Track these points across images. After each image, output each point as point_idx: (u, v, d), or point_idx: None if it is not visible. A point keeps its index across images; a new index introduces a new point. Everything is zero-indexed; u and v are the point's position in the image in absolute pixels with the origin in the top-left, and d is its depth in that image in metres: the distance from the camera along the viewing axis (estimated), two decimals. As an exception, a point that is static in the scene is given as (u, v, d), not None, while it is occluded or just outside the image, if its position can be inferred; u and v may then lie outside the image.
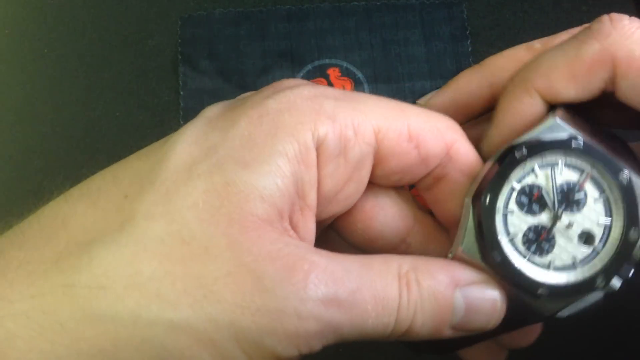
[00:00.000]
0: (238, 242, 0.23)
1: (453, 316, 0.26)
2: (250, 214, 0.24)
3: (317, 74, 0.56)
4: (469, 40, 0.57)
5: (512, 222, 0.27)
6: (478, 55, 0.57)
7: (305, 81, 0.29)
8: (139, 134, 0.54)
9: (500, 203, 0.27)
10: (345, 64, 0.57)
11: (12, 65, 0.57)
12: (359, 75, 0.56)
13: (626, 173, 0.27)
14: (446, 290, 0.26)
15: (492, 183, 0.27)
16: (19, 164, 0.54)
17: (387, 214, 0.30)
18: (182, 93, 0.56)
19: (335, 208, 0.28)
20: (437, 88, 0.56)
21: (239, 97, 0.29)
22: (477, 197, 0.27)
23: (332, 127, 0.26)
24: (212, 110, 0.27)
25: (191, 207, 0.23)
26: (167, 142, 0.26)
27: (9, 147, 0.55)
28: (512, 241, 0.27)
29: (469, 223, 0.27)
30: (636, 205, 0.27)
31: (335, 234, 0.31)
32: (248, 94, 0.29)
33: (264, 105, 0.26)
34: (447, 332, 0.27)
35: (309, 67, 0.56)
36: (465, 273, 0.27)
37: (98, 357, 0.22)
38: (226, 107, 0.27)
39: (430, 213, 0.32)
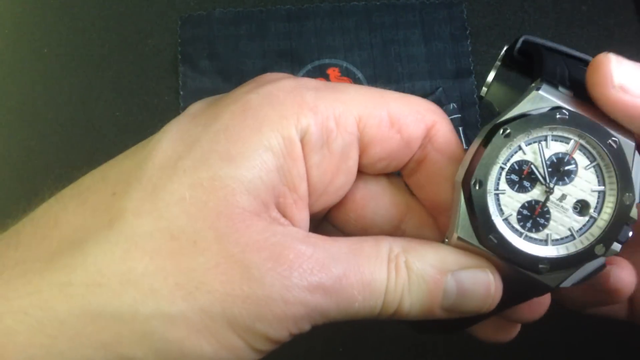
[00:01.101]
0: (225, 234, 0.24)
1: (444, 299, 0.26)
2: (237, 207, 0.24)
3: (317, 74, 0.56)
4: (469, 40, 0.57)
5: (505, 202, 0.27)
6: (478, 55, 0.57)
7: (286, 74, 0.29)
8: (139, 134, 0.54)
9: (490, 184, 0.27)
10: (345, 64, 0.57)
11: (12, 65, 0.57)
12: (359, 75, 0.56)
13: (615, 138, 0.26)
14: (436, 274, 0.26)
15: (480, 165, 0.27)
16: (19, 164, 0.54)
17: (378, 202, 0.30)
18: (182, 93, 0.56)
19: (328, 200, 0.29)
20: (437, 88, 0.56)
21: (223, 94, 0.29)
22: (466, 181, 0.27)
23: (314, 119, 0.26)
24: (196, 107, 0.28)
25: (178, 203, 0.24)
26: (152, 139, 0.27)
27: (9, 147, 0.55)
28: (506, 221, 0.27)
29: (462, 208, 0.27)
30: (628, 169, 0.27)
31: (331, 226, 0.31)
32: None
33: (246, 100, 0.26)
34: (439, 314, 0.27)
35: (309, 67, 0.56)
36: (457, 257, 0.27)
37: (101, 350, 0.23)
38: (209, 102, 0.28)
39: None
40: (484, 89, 0.30)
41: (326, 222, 0.31)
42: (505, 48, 0.30)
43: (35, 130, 0.55)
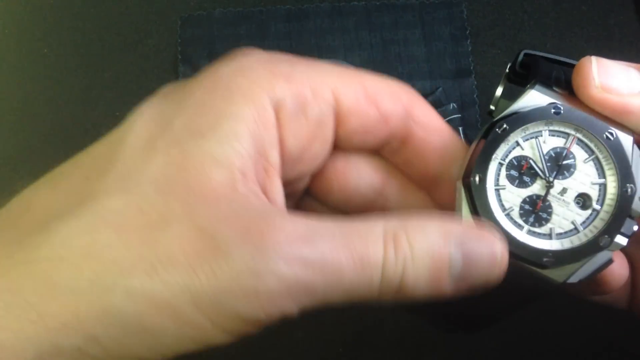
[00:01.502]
0: (195, 209, 0.23)
1: (451, 269, 0.25)
2: (208, 181, 0.23)
3: (317, 74, 0.56)
4: (469, 40, 0.57)
5: (506, 197, 0.28)
6: (478, 55, 0.57)
7: (259, 50, 0.28)
8: (139, 134, 0.54)
9: (490, 181, 0.27)
10: (345, 64, 0.57)
11: (12, 65, 0.57)
12: (359, 75, 0.56)
13: (611, 130, 0.27)
14: (440, 244, 0.25)
15: (479, 162, 0.27)
16: (19, 164, 0.54)
17: (360, 170, 0.30)
18: (182, 93, 0.56)
19: (303, 167, 0.28)
20: (437, 88, 0.56)
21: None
22: (466, 178, 0.27)
23: (289, 86, 0.26)
24: (168, 87, 0.27)
25: (151, 182, 0.23)
26: (125, 122, 0.26)
27: (9, 147, 0.55)
28: (508, 216, 0.27)
29: (464, 205, 0.27)
30: (627, 160, 0.27)
31: (314, 202, 0.31)
32: None
33: (217, 73, 0.26)
34: (448, 288, 0.26)
35: (309, 67, 0.56)
36: (460, 227, 0.26)
37: (62, 331, 0.22)
38: (181, 82, 0.27)
39: None
40: (492, 107, 0.30)
41: (307, 196, 0.31)
42: (509, 65, 0.31)
43: (35, 130, 0.55)
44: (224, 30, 0.57)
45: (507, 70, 0.31)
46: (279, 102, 0.26)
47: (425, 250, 0.25)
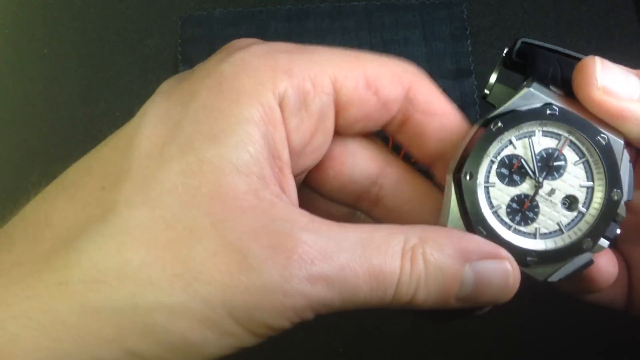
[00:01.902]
0: (221, 220, 0.23)
1: (461, 290, 0.26)
2: (231, 190, 0.24)
3: (317, 74, 0.56)
4: (469, 40, 0.57)
5: (495, 195, 0.28)
6: (478, 55, 0.57)
7: (256, 39, 0.28)
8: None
9: (480, 177, 0.28)
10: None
11: (12, 65, 0.57)
12: (359, 75, 0.56)
13: (604, 135, 0.27)
14: (454, 264, 0.26)
15: (471, 158, 0.27)
16: (19, 164, 0.54)
17: (356, 157, 0.30)
18: (182, 93, 0.56)
19: (306, 162, 0.28)
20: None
21: (194, 67, 0.28)
22: (457, 173, 0.28)
23: (290, 82, 0.26)
24: (169, 84, 0.27)
25: (171, 191, 0.24)
26: (131, 125, 0.26)
27: (9, 147, 0.55)
28: (495, 213, 0.28)
29: (452, 199, 0.28)
30: (616, 165, 0.27)
31: (309, 191, 0.31)
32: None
33: (219, 71, 0.26)
34: (454, 304, 0.26)
35: (309, 67, 0.56)
36: (477, 246, 0.26)
37: (106, 347, 0.22)
38: (182, 78, 0.27)
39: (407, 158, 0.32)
40: (486, 91, 0.30)
41: (304, 187, 0.31)
42: (505, 50, 0.31)
43: (35, 130, 0.55)
44: (224, 30, 0.57)
45: (503, 55, 0.31)
46: (282, 98, 0.26)
47: (440, 269, 0.26)
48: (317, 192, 0.31)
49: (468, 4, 0.58)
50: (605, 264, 0.29)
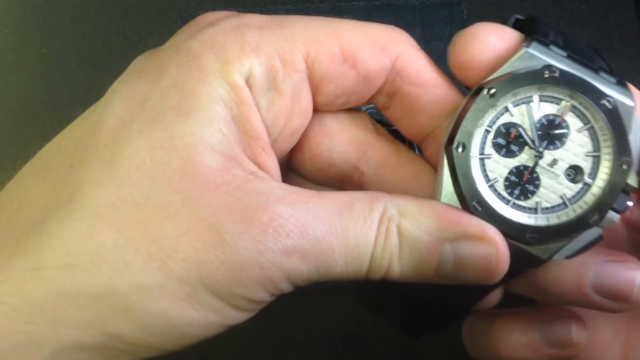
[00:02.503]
0: (193, 197, 0.23)
1: (440, 267, 0.25)
2: (203, 166, 0.23)
3: (317, 74, 0.56)
4: (469, 40, 0.57)
5: (491, 167, 0.25)
6: (478, 55, 0.57)
7: (230, 12, 0.27)
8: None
9: (474, 148, 0.25)
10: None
11: (12, 65, 0.57)
12: (359, 75, 0.56)
13: (609, 97, 0.24)
14: (431, 242, 0.24)
15: (463, 127, 0.25)
16: (20, 164, 0.54)
17: (334, 139, 0.28)
18: (182, 93, 0.55)
19: (284, 144, 0.27)
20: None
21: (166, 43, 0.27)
22: (449, 145, 0.25)
23: (257, 59, 0.25)
24: (139, 61, 0.27)
25: (139, 167, 0.23)
26: (101, 102, 0.26)
27: (9, 148, 0.55)
28: (492, 187, 0.25)
29: (445, 173, 0.25)
30: (624, 131, 0.24)
31: (292, 174, 0.30)
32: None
33: (188, 48, 0.25)
34: (436, 280, 0.25)
35: (309, 67, 0.56)
36: (458, 225, 0.25)
37: (86, 331, 0.22)
38: (152, 55, 0.26)
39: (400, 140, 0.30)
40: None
41: (288, 170, 0.30)
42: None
43: (35, 130, 0.55)
44: (224, 30, 0.57)
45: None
46: (249, 77, 0.25)
47: (415, 244, 0.24)
48: (299, 176, 0.30)
49: (468, 4, 0.58)
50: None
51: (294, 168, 0.30)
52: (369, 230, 0.24)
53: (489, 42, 0.25)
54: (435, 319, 0.29)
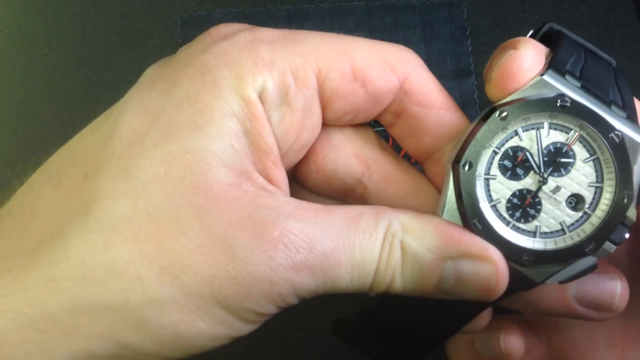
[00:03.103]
0: (206, 211, 0.23)
1: (441, 284, 0.25)
2: (215, 180, 0.23)
3: (317, 74, 0.56)
4: (469, 40, 0.57)
5: (495, 188, 0.26)
6: (478, 55, 0.57)
7: (243, 25, 0.27)
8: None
9: (481, 168, 0.26)
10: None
11: (12, 65, 0.57)
12: (359, 75, 0.56)
13: (618, 132, 0.25)
14: (433, 260, 0.25)
15: (472, 146, 0.25)
16: (20, 164, 0.54)
17: (339, 153, 0.29)
18: (182, 93, 0.56)
19: (293, 157, 0.28)
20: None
21: (178, 52, 0.28)
22: (456, 163, 0.26)
23: (271, 75, 0.25)
24: (152, 72, 0.27)
25: (153, 181, 0.23)
26: (114, 111, 0.26)
27: (9, 147, 0.55)
28: (494, 207, 0.26)
29: (449, 189, 0.26)
30: (629, 165, 0.25)
31: (299, 187, 0.30)
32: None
33: (202, 61, 0.25)
34: (437, 296, 0.26)
35: (309, 67, 0.56)
36: (461, 243, 0.25)
37: (98, 341, 0.23)
38: (165, 65, 0.27)
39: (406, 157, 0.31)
40: None
41: (292, 181, 0.30)
42: (530, 33, 0.29)
43: (35, 130, 0.55)
44: (224, 30, 0.57)
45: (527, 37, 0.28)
46: (262, 92, 0.25)
47: (417, 261, 0.25)
48: (303, 188, 0.30)
49: (468, 4, 0.58)
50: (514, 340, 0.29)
51: (299, 180, 0.30)
52: (374, 246, 0.25)
53: (529, 58, 0.26)
54: (416, 348, 0.29)
